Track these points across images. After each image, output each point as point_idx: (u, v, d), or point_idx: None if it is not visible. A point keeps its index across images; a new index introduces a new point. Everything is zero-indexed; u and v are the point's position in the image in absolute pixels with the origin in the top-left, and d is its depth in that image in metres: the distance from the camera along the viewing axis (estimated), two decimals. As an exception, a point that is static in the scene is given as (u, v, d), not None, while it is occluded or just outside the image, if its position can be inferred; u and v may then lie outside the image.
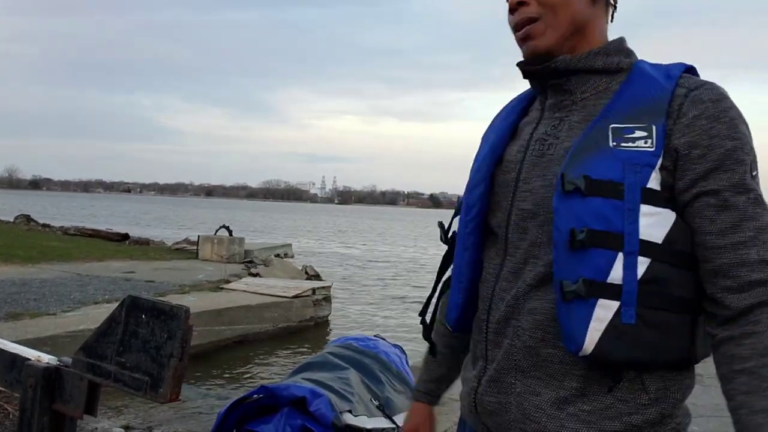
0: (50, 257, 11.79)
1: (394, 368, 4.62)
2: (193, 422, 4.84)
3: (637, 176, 1.02)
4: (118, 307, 1.04)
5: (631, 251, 1.00)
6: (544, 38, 1.13)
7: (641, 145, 1.04)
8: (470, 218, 1.21)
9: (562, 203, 1.04)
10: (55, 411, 1.11)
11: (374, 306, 11.96)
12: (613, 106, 1.09)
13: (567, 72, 1.15)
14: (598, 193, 1.02)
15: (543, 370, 1.10)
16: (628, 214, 1.01)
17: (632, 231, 1.01)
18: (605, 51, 1.15)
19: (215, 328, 7.48)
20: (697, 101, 1.05)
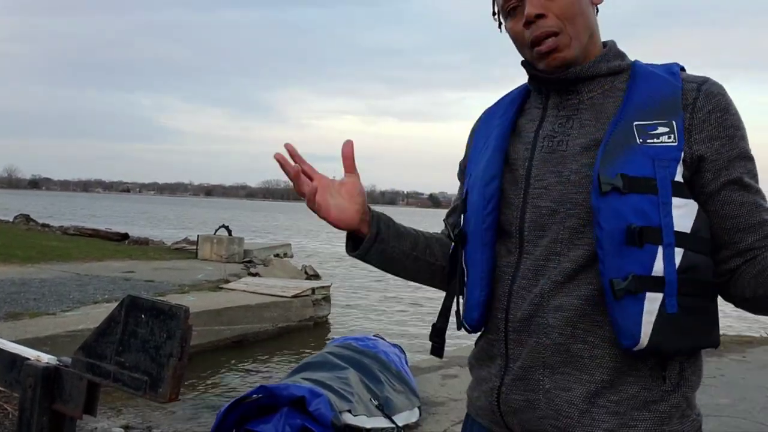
0: (50, 257, 11.79)
1: (393, 368, 4.62)
2: (193, 422, 4.84)
3: (666, 170, 1.07)
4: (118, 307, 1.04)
5: (669, 243, 1.05)
6: (570, 50, 1.16)
7: (666, 141, 1.08)
8: (488, 212, 1.21)
9: (603, 202, 1.06)
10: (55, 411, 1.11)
11: (374, 306, 11.96)
12: (631, 105, 1.13)
13: (577, 80, 1.19)
14: (635, 189, 1.06)
15: (573, 365, 1.11)
16: (663, 208, 1.05)
17: (668, 223, 1.05)
18: (606, 57, 1.20)
19: (215, 327, 7.48)
20: (709, 95, 1.11)
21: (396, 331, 9.28)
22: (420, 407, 4.37)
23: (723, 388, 5.20)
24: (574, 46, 1.16)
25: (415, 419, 4.23)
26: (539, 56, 1.17)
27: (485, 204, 1.21)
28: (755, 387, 5.41)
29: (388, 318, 10.78)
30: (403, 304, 12.36)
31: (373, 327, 9.47)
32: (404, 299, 12.91)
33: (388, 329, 9.34)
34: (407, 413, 4.20)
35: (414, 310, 11.64)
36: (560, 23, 1.14)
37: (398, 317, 10.89)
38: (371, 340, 5.10)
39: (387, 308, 11.78)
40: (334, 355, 4.56)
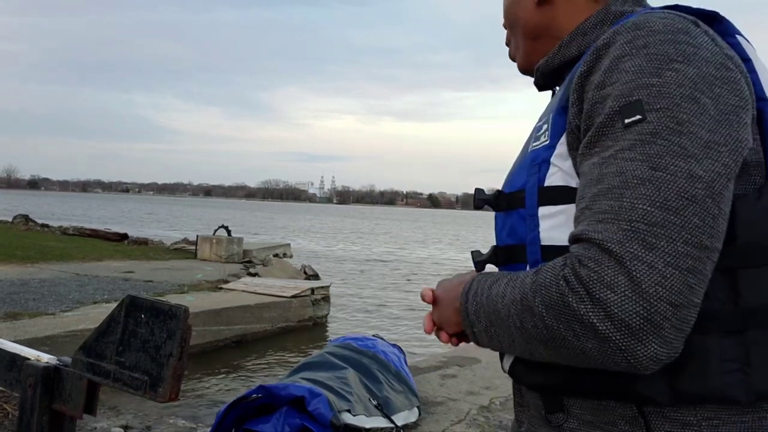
0: (49, 257, 11.79)
1: (392, 367, 4.62)
2: (193, 422, 4.84)
3: (534, 177, 0.91)
4: (118, 307, 1.04)
5: (534, 260, 0.90)
6: (518, 58, 1.15)
7: (542, 141, 0.92)
8: None
9: (495, 223, 1.04)
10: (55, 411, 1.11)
11: (373, 306, 11.96)
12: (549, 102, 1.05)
13: (550, 75, 1.05)
14: (511, 206, 0.96)
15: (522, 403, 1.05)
16: (530, 221, 0.91)
17: (533, 239, 0.90)
18: (581, 31, 0.98)
19: (214, 327, 7.48)
20: (596, 52, 0.86)
21: (395, 331, 9.29)
22: (419, 407, 4.38)
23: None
24: (518, 54, 1.14)
25: (414, 419, 4.23)
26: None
27: None
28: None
29: (387, 318, 10.78)
30: (402, 304, 12.36)
31: (372, 327, 9.48)
32: (404, 300, 12.91)
33: (387, 329, 9.35)
34: (406, 413, 4.20)
35: (414, 311, 11.64)
36: (509, 34, 1.17)
37: (397, 317, 10.89)
38: (370, 339, 5.11)
39: (386, 308, 11.78)
40: (333, 355, 4.57)
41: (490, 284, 0.90)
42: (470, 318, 0.91)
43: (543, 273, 0.80)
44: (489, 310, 0.87)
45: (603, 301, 0.72)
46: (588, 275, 0.74)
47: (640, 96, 0.78)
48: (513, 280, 0.85)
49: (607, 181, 0.77)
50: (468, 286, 0.94)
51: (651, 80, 0.78)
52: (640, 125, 0.77)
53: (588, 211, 0.78)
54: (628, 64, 0.80)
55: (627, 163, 0.76)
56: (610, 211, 0.75)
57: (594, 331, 0.73)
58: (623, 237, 0.73)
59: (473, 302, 0.91)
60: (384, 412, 4.03)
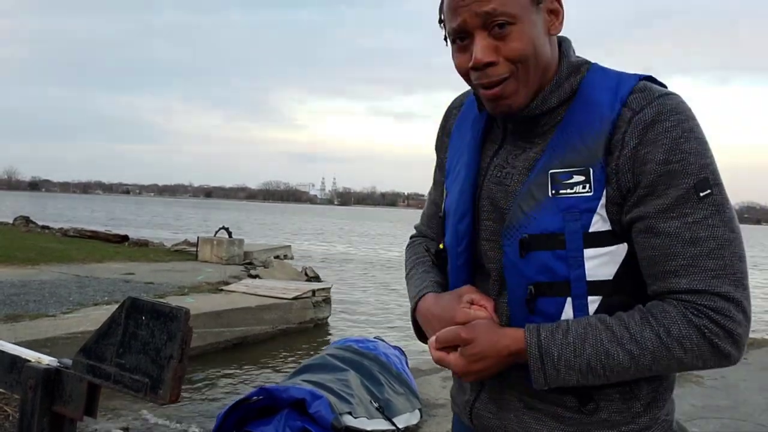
0: (49, 259, 11.79)
1: (393, 369, 4.62)
2: (193, 424, 4.84)
3: (576, 223, 1.03)
4: (118, 309, 1.04)
5: (580, 293, 1.04)
6: (516, 96, 1.07)
7: (579, 191, 1.04)
8: (461, 250, 1.19)
9: (509, 261, 1.08)
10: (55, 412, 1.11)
11: (374, 307, 11.95)
12: (554, 147, 1.07)
13: (527, 119, 1.11)
14: (540, 247, 1.05)
15: (537, 392, 1.11)
16: (572, 261, 1.03)
17: (579, 276, 1.04)
18: (557, 83, 1.09)
19: (215, 329, 7.48)
20: (638, 125, 1.01)
21: (396, 333, 9.28)
22: (420, 409, 4.37)
23: (724, 390, 5.19)
24: (521, 93, 1.06)
25: (415, 421, 4.23)
26: (486, 99, 1.10)
27: (458, 241, 1.19)
28: (756, 389, 5.40)
29: (388, 320, 10.78)
30: (403, 306, 12.35)
31: (373, 329, 9.47)
32: (405, 301, 12.89)
33: (388, 331, 9.34)
34: (408, 415, 4.19)
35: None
36: (512, 67, 1.05)
37: (399, 319, 10.88)
38: (371, 341, 5.10)
39: (387, 310, 11.77)
40: (334, 357, 4.56)
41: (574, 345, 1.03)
42: (554, 376, 1.04)
43: (673, 326, 0.99)
44: (589, 367, 1.03)
45: (736, 335, 0.99)
46: (724, 321, 0.98)
47: (707, 174, 1.00)
48: (615, 336, 1.01)
49: (703, 244, 0.99)
50: (537, 349, 1.04)
51: (706, 161, 1.01)
52: (711, 197, 1.00)
53: (694, 268, 0.99)
54: (686, 147, 1.00)
55: (715, 229, 1.00)
56: (718, 269, 0.99)
57: (727, 356, 1.00)
58: (734, 287, 0.99)
59: (560, 363, 1.04)
60: (385, 414, 4.02)
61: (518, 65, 1.05)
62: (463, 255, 1.18)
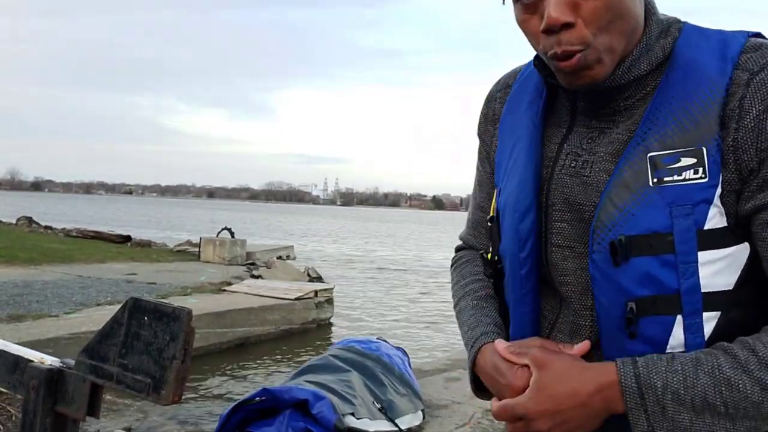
0: (52, 259, 11.81)
1: (396, 370, 4.62)
2: (195, 424, 4.84)
3: (689, 219, 0.82)
4: (121, 309, 1.03)
5: (694, 310, 0.83)
6: (602, 66, 0.85)
7: (690, 177, 0.83)
8: (525, 256, 0.97)
9: (599, 271, 0.87)
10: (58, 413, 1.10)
11: (377, 308, 11.95)
12: (651, 123, 0.86)
13: (606, 91, 0.91)
14: (641, 252, 0.84)
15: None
16: (684, 268, 0.82)
17: (692, 287, 0.83)
18: (647, 46, 0.89)
19: (217, 330, 7.48)
20: (760, 88, 0.81)
21: (399, 334, 9.28)
22: (423, 410, 4.37)
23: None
24: (606, 62, 0.85)
25: (418, 422, 4.22)
26: (559, 71, 0.88)
27: (521, 245, 0.96)
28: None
29: (391, 320, 10.77)
30: (406, 306, 12.36)
31: (376, 329, 9.47)
32: (407, 302, 12.91)
33: (391, 331, 9.34)
34: (410, 416, 4.19)
35: (417, 313, 11.64)
36: (589, 34, 0.83)
37: (401, 320, 10.89)
38: (374, 342, 5.10)
39: (390, 310, 11.77)
40: (336, 358, 4.56)
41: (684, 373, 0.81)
42: (658, 415, 0.81)
43: None
44: (705, 402, 0.80)
45: None
46: None
47: None
48: (739, 362, 0.80)
49: None
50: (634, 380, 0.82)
51: None
52: None
53: None
54: None
55: None
56: None
57: None
58: None
59: (666, 397, 0.81)
60: (388, 415, 4.02)
61: (599, 28, 0.83)
62: (528, 261, 0.96)
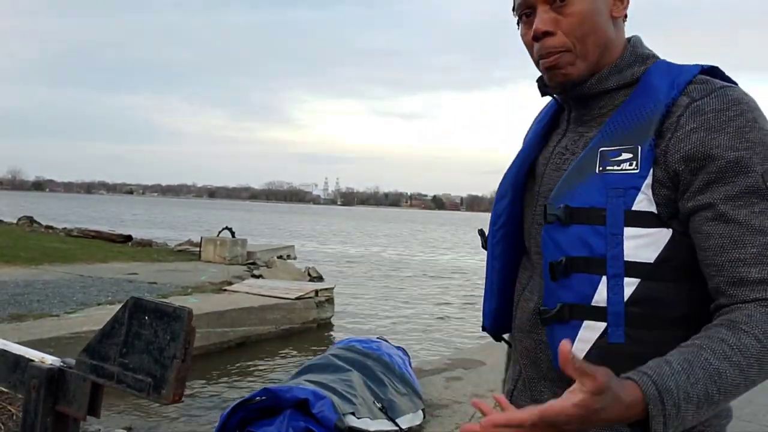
0: (53, 259, 11.82)
1: (397, 370, 4.62)
2: (196, 424, 4.85)
3: (619, 200, 1.02)
4: (121, 309, 1.04)
5: (616, 274, 1.01)
6: (573, 68, 1.11)
7: (626, 168, 1.03)
8: (496, 229, 1.23)
9: (547, 233, 1.07)
10: (59, 412, 1.11)
11: (377, 307, 11.96)
12: (608, 127, 1.09)
13: (583, 97, 1.14)
14: (579, 220, 1.04)
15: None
16: (611, 239, 1.01)
17: (616, 254, 1.01)
18: (618, 68, 1.12)
19: (218, 329, 7.49)
20: (697, 112, 1.01)
21: (400, 333, 9.28)
22: (424, 410, 4.37)
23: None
24: (578, 66, 1.10)
25: (418, 422, 4.22)
26: (544, 70, 1.14)
27: (495, 220, 1.23)
28: (761, 389, 5.38)
29: (391, 320, 10.78)
30: (406, 306, 12.36)
31: (376, 329, 9.48)
32: (408, 301, 12.91)
33: (391, 331, 9.34)
34: (411, 416, 4.19)
35: (418, 313, 11.64)
36: (567, 42, 1.09)
37: (402, 319, 10.89)
38: (375, 342, 5.11)
39: (391, 310, 11.78)
40: (337, 357, 4.56)
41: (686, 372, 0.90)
42: (673, 415, 0.88)
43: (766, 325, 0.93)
44: (706, 393, 0.90)
45: None
46: None
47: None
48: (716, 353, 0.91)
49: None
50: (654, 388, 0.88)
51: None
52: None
53: (765, 258, 0.95)
54: (752, 136, 0.99)
55: None
56: None
57: None
58: None
59: (679, 397, 0.89)
60: (388, 414, 4.02)
61: (575, 38, 1.09)
62: (498, 233, 1.22)
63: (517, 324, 1.19)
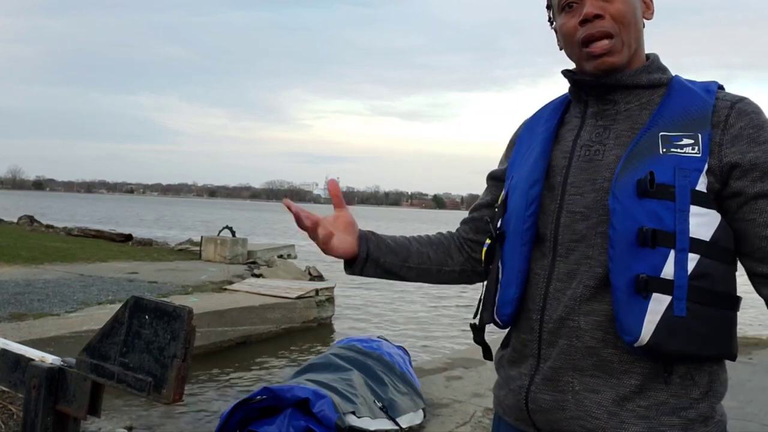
0: (54, 258, 11.81)
1: (397, 369, 4.62)
2: (197, 423, 4.85)
3: (686, 179, 1.10)
4: (122, 308, 1.04)
5: (683, 248, 1.08)
6: (620, 55, 1.20)
7: (689, 152, 1.12)
8: (529, 214, 1.25)
9: (618, 204, 1.11)
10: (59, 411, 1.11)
11: (378, 307, 11.95)
12: (661, 116, 1.17)
13: (616, 87, 1.23)
14: (651, 195, 1.09)
15: (602, 369, 1.14)
16: (680, 215, 1.08)
17: (683, 230, 1.08)
18: (648, 69, 1.23)
19: (218, 329, 7.48)
20: (742, 113, 1.14)
21: (400, 333, 9.28)
22: (424, 409, 4.37)
23: (729, 390, 5.14)
24: (624, 53, 1.20)
25: (419, 421, 4.22)
26: (588, 57, 1.21)
27: (527, 206, 1.26)
28: (761, 389, 5.39)
29: (392, 319, 10.77)
30: (407, 305, 12.36)
31: (377, 328, 9.47)
32: (408, 301, 12.91)
33: (392, 330, 9.34)
34: (411, 415, 4.19)
35: (418, 312, 11.64)
36: (615, 27, 1.19)
37: (402, 318, 10.88)
38: (375, 341, 5.10)
39: (391, 309, 11.77)
40: (338, 357, 4.56)
41: None
42: None
43: None
44: None
45: None
46: None
47: None
48: None
49: None
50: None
51: None
52: None
53: None
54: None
55: None
56: None
57: None
58: None
59: None
60: (389, 414, 4.02)
61: (621, 27, 1.19)
62: (530, 219, 1.24)
63: (546, 315, 1.20)
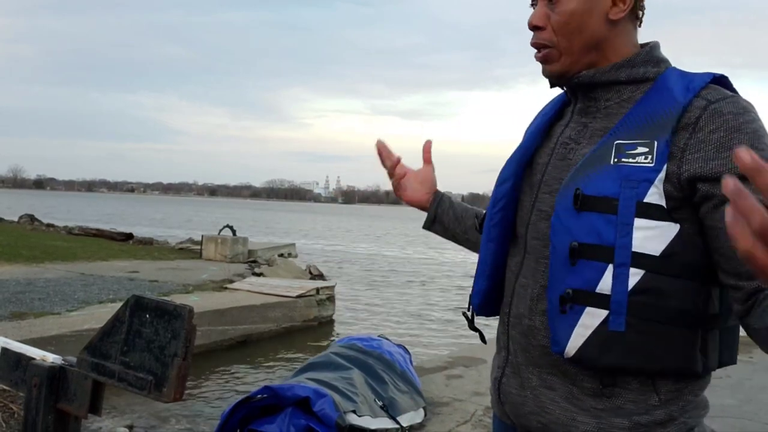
0: (54, 257, 11.82)
1: (398, 368, 4.62)
2: (197, 422, 4.85)
3: (632, 191, 1.05)
4: (123, 307, 1.04)
5: (623, 263, 1.04)
6: (557, 64, 1.17)
7: (641, 161, 1.06)
8: (495, 211, 1.26)
9: (557, 219, 1.10)
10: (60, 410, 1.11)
11: (378, 306, 11.95)
12: (624, 122, 1.12)
13: (590, 85, 1.18)
14: (591, 208, 1.06)
15: (557, 368, 1.14)
16: (621, 228, 1.04)
17: (625, 244, 1.04)
18: (630, 63, 1.17)
19: (219, 328, 7.49)
20: (716, 114, 1.05)
21: (400, 331, 9.28)
22: (425, 408, 4.37)
23: (729, 390, 5.18)
24: (562, 61, 1.17)
25: (419, 420, 4.22)
26: (537, 60, 1.21)
27: (494, 203, 1.27)
28: (761, 388, 5.39)
29: (392, 318, 10.78)
30: (407, 304, 12.36)
31: (377, 327, 9.47)
32: (409, 300, 12.91)
33: (392, 329, 9.34)
34: (412, 414, 4.19)
35: (419, 310, 11.64)
36: (554, 38, 1.16)
37: (403, 317, 10.89)
38: (375, 340, 5.10)
39: (391, 308, 11.77)
40: (338, 356, 4.56)
41: None
42: None
43: None
44: None
45: None
46: None
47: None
48: None
49: None
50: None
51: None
52: None
53: None
54: (765, 140, 1.04)
55: None
56: None
57: None
58: None
59: None
60: (389, 412, 4.02)
61: (561, 35, 1.15)
62: (496, 216, 1.25)
63: (512, 309, 1.21)
